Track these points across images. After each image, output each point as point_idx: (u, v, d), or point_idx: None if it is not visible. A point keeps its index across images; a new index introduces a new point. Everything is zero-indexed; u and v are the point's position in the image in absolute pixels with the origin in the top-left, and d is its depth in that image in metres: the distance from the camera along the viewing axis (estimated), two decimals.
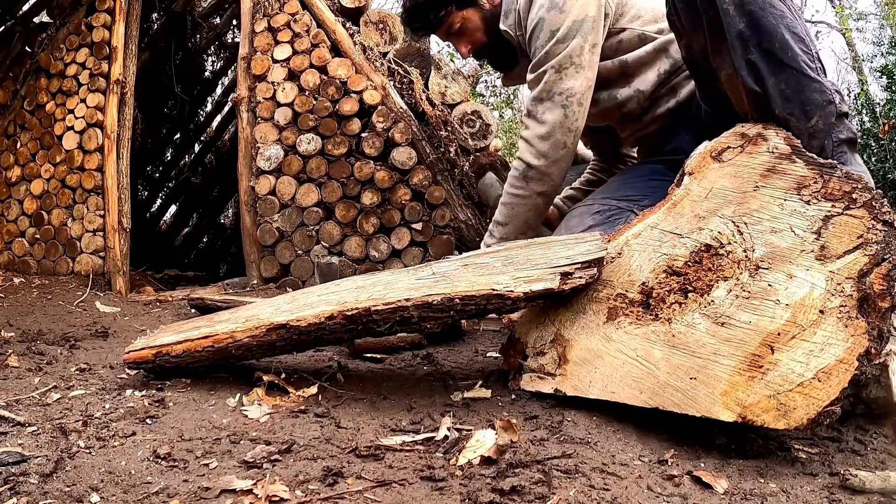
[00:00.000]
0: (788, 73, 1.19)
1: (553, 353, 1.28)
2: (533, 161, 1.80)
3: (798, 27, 1.22)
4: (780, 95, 1.19)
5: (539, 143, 1.79)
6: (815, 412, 0.96)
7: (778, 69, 1.19)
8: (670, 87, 1.85)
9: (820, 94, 1.20)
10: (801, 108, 1.19)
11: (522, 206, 1.86)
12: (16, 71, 3.46)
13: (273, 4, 3.20)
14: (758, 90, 1.19)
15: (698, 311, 1.11)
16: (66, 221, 3.29)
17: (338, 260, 2.98)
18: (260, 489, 0.86)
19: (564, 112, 1.75)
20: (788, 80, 1.19)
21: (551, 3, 1.77)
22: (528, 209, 1.86)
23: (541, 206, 1.87)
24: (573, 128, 1.77)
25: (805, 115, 1.19)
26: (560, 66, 1.75)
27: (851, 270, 1.00)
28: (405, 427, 1.14)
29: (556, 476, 0.91)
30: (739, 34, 1.20)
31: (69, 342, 1.93)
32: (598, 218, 1.80)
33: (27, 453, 0.99)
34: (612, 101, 1.89)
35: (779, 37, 1.19)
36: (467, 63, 9.49)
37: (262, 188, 3.10)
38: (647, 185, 1.85)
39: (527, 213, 1.87)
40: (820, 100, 1.20)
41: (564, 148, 1.78)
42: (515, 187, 1.86)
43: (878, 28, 9.44)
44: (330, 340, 1.36)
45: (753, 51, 1.19)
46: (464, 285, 1.21)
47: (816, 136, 1.20)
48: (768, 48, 1.19)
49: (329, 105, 3.04)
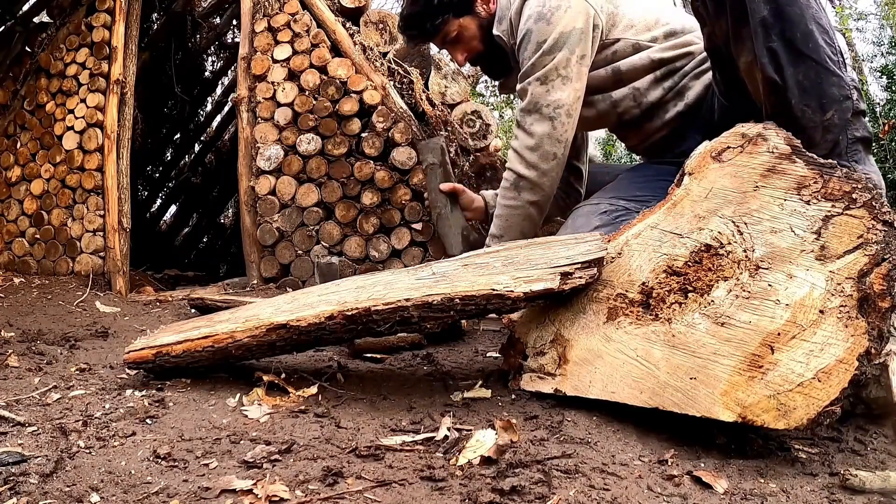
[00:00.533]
0: (808, 65, 1.18)
1: (553, 353, 1.28)
2: (523, 171, 1.82)
3: (823, 18, 1.21)
4: (798, 86, 1.18)
5: (528, 154, 1.80)
6: (815, 412, 0.96)
7: (798, 59, 1.18)
8: (676, 92, 1.83)
9: (838, 88, 1.19)
10: (818, 101, 1.18)
11: (516, 217, 1.88)
12: (16, 71, 3.46)
13: (273, 4, 3.20)
14: (776, 79, 1.19)
15: (698, 311, 1.11)
16: (66, 221, 3.29)
17: (338, 260, 2.98)
18: (260, 489, 0.86)
19: (552, 124, 1.76)
20: (808, 72, 1.18)
21: (539, 14, 1.77)
22: (521, 219, 1.88)
23: (534, 215, 1.89)
24: (562, 139, 1.78)
25: (821, 108, 1.18)
26: (546, 77, 1.75)
27: (851, 270, 1.00)
28: (405, 427, 1.14)
29: (556, 476, 0.91)
30: (763, 21, 1.19)
31: (69, 342, 1.92)
32: (604, 218, 1.80)
33: (27, 453, 0.99)
34: (606, 101, 1.89)
35: (802, 26, 1.18)
36: None
37: (262, 188, 3.10)
38: (656, 185, 1.84)
39: (521, 223, 1.88)
40: (837, 94, 1.19)
41: (554, 159, 1.79)
42: (508, 198, 1.87)
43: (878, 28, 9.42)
44: (330, 340, 1.36)
45: (775, 39, 1.18)
46: (464, 285, 1.21)
47: (831, 131, 1.19)
48: (790, 37, 1.18)
49: (329, 105, 3.04)
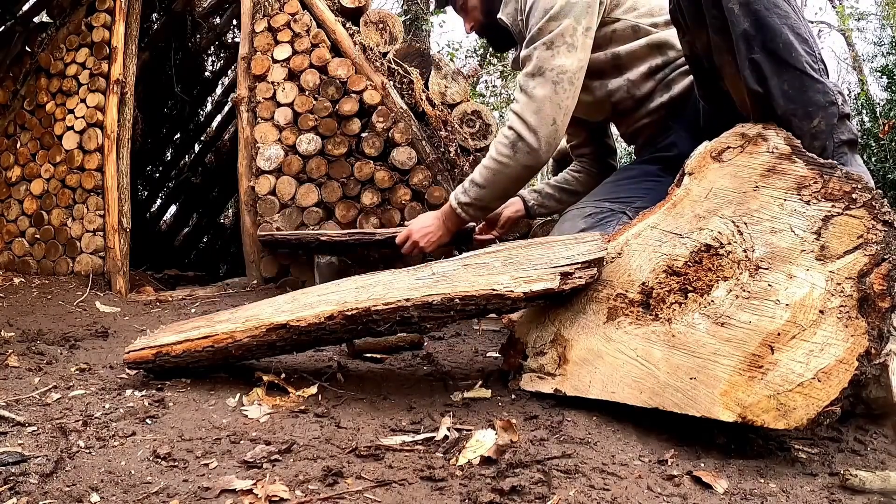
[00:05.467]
0: (791, 74, 1.18)
1: (553, 353, 1.28)
2: (523, 132, 1.78)
3: (802, 28, 1.21)
4: (783, 95, 1.18)
5: (529, 117, 1.77)
6: (815, 412, 0.96)
7: (781, 69, 1.19)
8: (664, 84, 1.85)
9: (822, 94, 1.20)
10: (804, 109, 1.19)
11: (504, 175, 1.83)
12: (16, 71, 3.46)
13: (273, 4, 3.20)
14: (759, 90, 1.19)
15: (698, 311, 1.11)
16: (66, 221, 3.29)
17: (338, 260, 2.98)
18: (260, 489, 0.86)
19: (555, 88, 1.74)
20: (791, 81, 1.18)
21: None
22: (509, 179, 1.85)
23: (523, 179, 1.86)
24: (563, 105, 1.76)
25: (807, 115, 1.19)
26: (552, 43, 1.74)
27: (851, 270, 1.00)
28: (405, 427, 1.13)
29: (556, 476, 0.91)
30: (744, 33, 1.20)
31: (69, 342, 1.92)
32: (590, 221, 1.80)
33: (27, 453, 0.99)
34: (603, 89, 1.90)
35: (783, 37, 1.18)
36: (467, 63, 9.51)
37: (262, 188, 3.10)
38: (640, 187, 1.85)
39: (507, 183, 1.86)
40: (822, 101, 1.20)
41: (553, 125, 1.76)
42: (502, 154, 1.82)
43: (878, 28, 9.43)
44: (330, 340, 1.36)
45: (757, 50, 1.19)
46: (464, 285, 1.21)
47: (818, 137, 1.20)
48: (772, 48, 1.18)
49: (329, 105, 3.04)
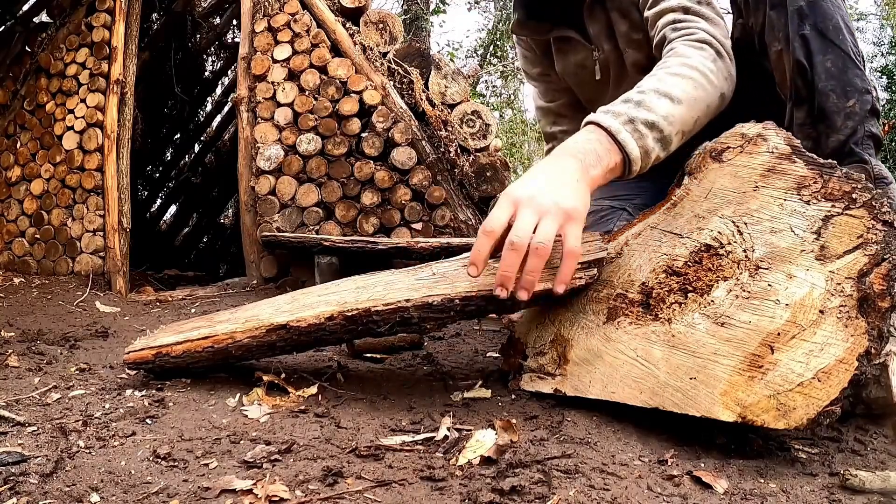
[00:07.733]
0: (836, 53, 1.28)
1: (553, 353, 1.28)
2: (722, 51, 1.39)
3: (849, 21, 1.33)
4: (825, 72, 1.27)
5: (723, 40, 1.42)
6: (815, 412, 0.96)
7: (827, 47, 1.28)
8: None
9: (861, 80, 1.29)
10: (843, 88, 1.28)
11: (706, 93, 1.33)
12: (16, 71, 3.46)
13: (273, 4, 3.20)
14: (804, 63, 1.28)
15: (698, 311, 1.11)
16: (66, 221, 3.29)
17: (337, 260, 2.98)
18: (260, 489, 0.86)
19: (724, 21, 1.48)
20: (835, 60, 1.28)
21: None
22: (706, 104, 1.33)
23: (711, 112, 1.36)
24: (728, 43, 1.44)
25: (845, 94, 1.28)
26: None
27: (851, 270, 1.00)
28: (405, 427, 1.13)
29: (556, 476, 0.91)
30: (799, 10, 1.30)
31: (69, 342, 1.92)
32: (590, 219, 1.79)
33: (27, 453, 0.99)
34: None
35: (833, 20, 1.29)
36: (467, 63, 9.52)
37: (262, 188, 3.10)
38: (636, 185, 1.84)
39: (702, 108, 1.33)
40: (860, 85, 1.29)
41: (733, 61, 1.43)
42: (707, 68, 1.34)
43: (878, 28, 9.44)
44: (330, 341, 1.36)
45: (808, 27, 1.28)
46: (464, 285, 1.21)
47: (851, 118, 1.28)
48: (822, 28, 1.28)
49: (329, 105, 3.04)
